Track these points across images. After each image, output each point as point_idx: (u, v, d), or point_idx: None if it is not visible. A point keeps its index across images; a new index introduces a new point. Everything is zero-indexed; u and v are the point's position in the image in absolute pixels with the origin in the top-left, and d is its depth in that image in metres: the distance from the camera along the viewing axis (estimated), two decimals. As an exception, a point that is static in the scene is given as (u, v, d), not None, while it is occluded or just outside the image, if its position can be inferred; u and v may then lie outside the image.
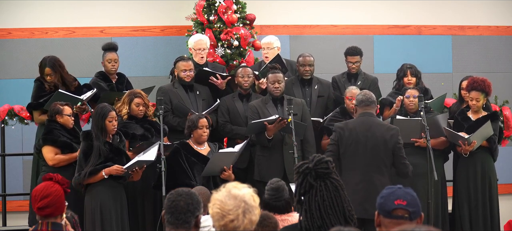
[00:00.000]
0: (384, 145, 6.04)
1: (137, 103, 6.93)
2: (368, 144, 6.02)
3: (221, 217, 3.27)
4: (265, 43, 7.99)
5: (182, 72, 7.32)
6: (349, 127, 6.10)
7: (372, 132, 6.04)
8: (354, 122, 6.16)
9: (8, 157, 8.28)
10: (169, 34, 9.24)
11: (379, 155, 6.02)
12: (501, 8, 9.86)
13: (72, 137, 6.75)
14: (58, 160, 6.64)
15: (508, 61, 9.84)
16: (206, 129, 6.65)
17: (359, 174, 6.00)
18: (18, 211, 7.25)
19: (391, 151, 6.06)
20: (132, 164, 6.31)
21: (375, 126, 6.09)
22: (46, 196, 4.16)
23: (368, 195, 5.80)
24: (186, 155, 6.61)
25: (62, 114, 6.70)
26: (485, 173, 7.22)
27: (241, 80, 7.33)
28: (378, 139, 6.03)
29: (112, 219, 6.30)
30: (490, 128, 7.04)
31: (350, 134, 6.05)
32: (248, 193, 3.32)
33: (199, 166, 6.57)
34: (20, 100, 7.72)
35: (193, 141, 6.69)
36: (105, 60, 7.65)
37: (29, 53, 8.92)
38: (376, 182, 5.94)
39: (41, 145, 6.69)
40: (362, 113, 6.14)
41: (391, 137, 6.08)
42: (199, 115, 6.72)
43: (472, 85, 7.15)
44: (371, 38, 9.59)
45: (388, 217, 3.22)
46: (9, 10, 9.04)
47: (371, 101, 6.16)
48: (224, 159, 6.54)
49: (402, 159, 6.12)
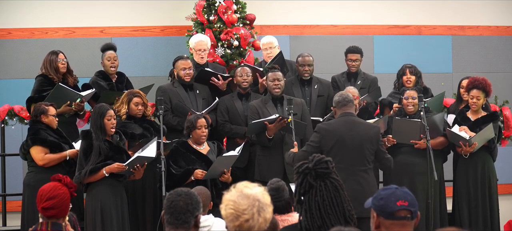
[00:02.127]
0: (369, 142, 6.05)
1: (136, 103, 6.93)
2: (353, 143, 6.01)
3: (235, 217, 3.26)
4: (266, 43, 8.00)
5: (181, 71, 7.32)
6: (332, 127, 6.09)
7: (356, 131, 6.05)
8: (336, 122, 6.14)
9: (8, 157, 8.28)
10: (169, 34, 9.24)
11: (363, 153, 6.03)
12: (501, 8, 9.86)
13: (58, 137, 6.74)
14: (49, 159, 6.62)
15: (508, 61, 9.84)
16: (204, 129, 6.65)
17: (344, 173, 5.95)
18: (18, 211, 7.23)
19: (375, 148, 6.07)
20: (132, 161, 6.29)
21: (357, 125, 6.11)
22: (52, 197, 4.16)
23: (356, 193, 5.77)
24: (185, 153, 6.61)
25: (47, 114, 6.69)
26: (485, 173, 7.22)
27: (240, 79, 7.33)
28: (363, 137, 6.04)
29: (112, 219, 6.29)
30: (491, 131, 7.03)
31: (334, 134, 6.04)
32: (260, 192, 3.32)
33: (199, 164, 6.57)
34: (20, 100, 7.71)
35: (193, 141, 6.69)
36: (105, 59, 7.67)
37: (29, 53, 8.92)
38: (362, 181, 5.96)
39: (29, 145, 6.65)
40: (342, 113, 6.14)
41: (374, 135, 6.10)
42: (197, 115, 6.72)
43: (473, 83, 7.15)
44: (371, 38, 9.59)
45: (390, 218, 3.22)
46: (9, 10, 9.04)
47: (348, 100, 6.17)
48: (225, 162, 6.55)
49: (385, 154, 6.19)
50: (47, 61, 7.33)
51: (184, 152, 6.62)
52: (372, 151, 6.07)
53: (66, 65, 7.40)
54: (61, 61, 7.35)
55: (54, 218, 4.16)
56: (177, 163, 6.57)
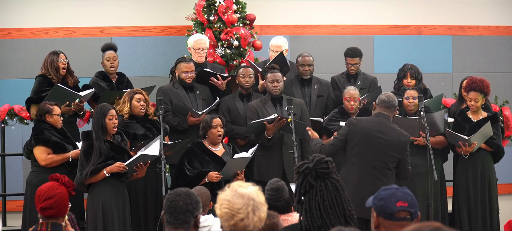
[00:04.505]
0: (394, 149, 6.00)
1: (138, 99, 6.90)
2: (378, 144, 5.98)
3: (230, 216, 3.26)
4: (275, 45, 7.96)
5: (183, 74, 7.32)
6: (362, 124, 6.07)
7: (385, 134, 6.00)
8: (368, 120, 6.13)
9: (8, 157, 8.28)
10: (169, 34, 9.24)
11: (386, 158, 5.98)
12: (501, 8, 9.86)
13: (62, 137, 6.74)
14: (51, 160, 6.63)
15: (508, 61, 9.84)
16: (220, 128, 6.62)
17: (363, 173, 5.96)
18: (18, 211, 7.24)
19: (400, 156, 6.04)
20: (134, 160, 6.28)
21: (388, 129, 6.04)
22: (50, 197, 4.15)
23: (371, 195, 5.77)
24: (200, 154, 6.58)
25: (52, 113, 6.69)
26: (485, 173, 7.22)
27: (242, 80, 7.33)
28: (390, 142, 5.99)
29: (114, 219, 6.28)
30: (489, 129, 7.05)
31: (363, 130, 6.02)
32: (254, 191, 3.32)
33: (213, 165, 6.55)
34: (20, 100, 7.71)
35: (208, 141, 6.66)
36: (104, 59, 7.66)
37: (29, 53, 8.92)
38: (379, 183, 5.90)
39: (33, 145, 6.66)
40: (378, 113, 6.11)
41: (403, 143, 6.05)
42: (212, 115, 6.70)
43: (471, 85, 7.16)
44: (371, 38, 9.59)
45: (390, 219, 3.22)
46: (9, 10, 9.04)
47: (392, 105, 6.11)
48: (238, 164, 6.52)
49: (407, 165, 6.11)
50: (47, 61, 7.33)
51: (199, 153, 6.58)
52: (396, 157, 6.03)
53: (66, 66, 7.40)
54: (62, 61, 7.35)
55: (53, 218, 4.15)
56: (191, 164, 6.53)
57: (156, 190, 6.95)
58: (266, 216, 4.30)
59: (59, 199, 4.16)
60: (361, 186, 5.91)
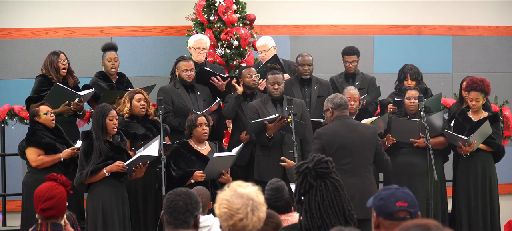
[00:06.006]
0: (369, 144, 5.99)
1: (138, 98, 6.90)
2: (354, 145, 5.93)
3: (229, 216, 3.26)
4: (261, 45, 8.00)
5: (183, 72, 7.32)
6: (332, 131, 5.97)
7: (356, 133, 5.96)
8: (334, 126, 6.00)
9: (8, 157, 8.29)
10: (169, 34, 9.24)
11: (365, 155, 5.97)
12: (501, 8, 9.87)
13: (56, 137, 6.74)
14: (41, 161, 6.64)
15: (508, 61, 9.84)
16: (205, 127, 6.64)
17: (350, 176, 5.91)
18: (18, 211, 7.23)
19: (375, 149, 6.03)
20: (134, 160, 6.29)
21: (355, 127, 6.01)
22: (50, 198, 4.15)
23: (363, 195, 5.76)
24: (185, 154, 6.60)
25: (39, 114, 6.70)
26: (485, 173, 7.22)
27: (249, 80, 7.30)
28: (363, 139, 5.96)
29: (114, 219, 6.29)
30: (488, 127, 7.05)
31: (335, 136, 5.95)
32: (253, 191, 3.32)
33: (199, 165, 6.56)
34: (20, 100, 7.71)
35: (194, 140, 6.68)
36: (105, 59, 7.66)
37: (29, 53, 8.92)
38: (366, 182, 5.91)
39: (24, 146, 6.68)
40: (339, 116, 6.00)
41: (373, 136, 6.04)
42: (197, 114, 6.73)
43: (471, 85, 7.16)
44: (371, 38, 9.59)
45: (389, 219, 3.21)
46: (9, 10, 9.04)
47: (344, 102, 6.04)
48: (221, 163, 6.52)
49: (384, 156, 6.08)
50: (48, 62, 7.33)
51: (184, 153, 6.61)
52: (372, 152, 6.03)
53: (67, 66, 7.40)
54: (62, 62, 7.35)
55: (53, 218, 4.15)
56: (177, 164, 6.56)
57: (156, 190, 6.94)
58: (267, 216, 4.33)
59: (59, 199, 4.16)
60: (355, 189, 5.86)
